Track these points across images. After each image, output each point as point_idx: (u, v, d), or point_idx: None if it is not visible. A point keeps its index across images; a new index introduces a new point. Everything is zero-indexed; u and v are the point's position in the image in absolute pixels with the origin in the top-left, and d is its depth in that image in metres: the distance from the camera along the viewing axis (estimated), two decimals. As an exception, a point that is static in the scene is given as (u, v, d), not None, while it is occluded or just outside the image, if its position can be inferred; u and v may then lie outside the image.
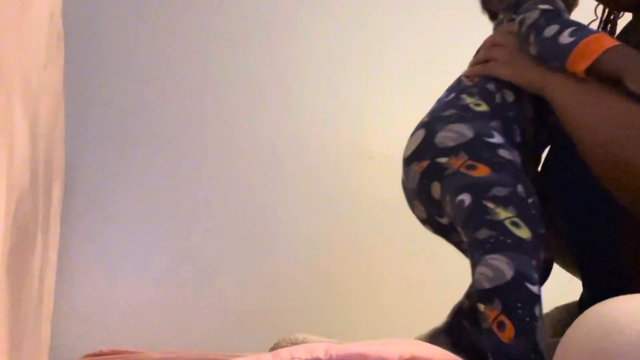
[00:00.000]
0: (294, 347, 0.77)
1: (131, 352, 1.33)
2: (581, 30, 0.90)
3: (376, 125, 2.04)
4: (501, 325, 0.81)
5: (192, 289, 1.91)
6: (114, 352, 1.33)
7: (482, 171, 0.91)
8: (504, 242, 0.85)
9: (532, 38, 0.95)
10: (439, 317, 1.52)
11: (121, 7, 1.99)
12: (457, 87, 1.07)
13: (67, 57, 1.57)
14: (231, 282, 1.93)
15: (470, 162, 0.92)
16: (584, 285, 1.00)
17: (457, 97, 1.03)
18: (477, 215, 0.88)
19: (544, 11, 0.95)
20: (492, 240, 0.86)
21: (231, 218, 1.97)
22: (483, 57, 1.06)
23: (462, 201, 0.90)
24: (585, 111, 0.86)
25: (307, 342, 1.47)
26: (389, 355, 0.74)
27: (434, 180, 0.97)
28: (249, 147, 2.00)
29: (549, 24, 0.92)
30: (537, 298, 0.82)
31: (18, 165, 0.88)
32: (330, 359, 0.74)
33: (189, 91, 2.01)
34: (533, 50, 0.94)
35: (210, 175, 1.98)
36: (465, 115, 0.98)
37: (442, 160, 0.95)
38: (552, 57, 0.91)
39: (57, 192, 1.55)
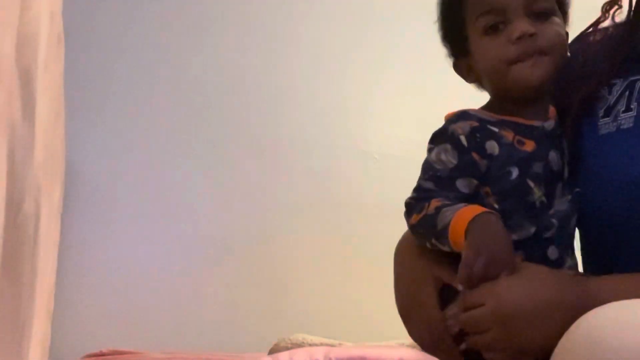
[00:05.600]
0: (294, 350, 0.77)
1: (131, 352, 1.33)
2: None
3: (376, 125, 2.04)
4: None
5: (192, 290, 1.91)
6: (114, 353, 1.33)
7: None
8: None
9: None
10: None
11: (121, 7, 1.99)
12: None
13: (67, 57, 1.57)
14: (231, 283, 1.93)
15: None
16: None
17: None
18: None
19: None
20: None
21: (231, 218, 1.97)
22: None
23: None
24: None
25: (306, 343, 1.47)
26: (388, 358, 0.74)
27: None
28: (250, 147, 2.00)
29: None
30: None
31: (18, 165, 0.88)
32: (329, 362, 0.74)
33: (189, 91, 2.01)
34: None
35: (210, 175, 1.98)
36: None
37: None
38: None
39: (57, 193, 1.55)
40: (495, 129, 0.88)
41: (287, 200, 1.99)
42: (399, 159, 1.99)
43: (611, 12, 0.96)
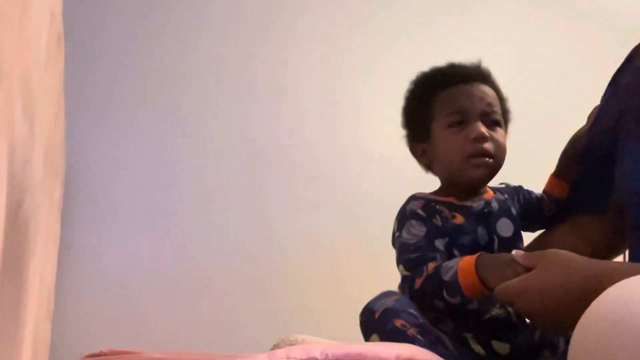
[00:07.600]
0: (290, 347, 0.76)
1: (131, 352, 1.33)
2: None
3: (376, 125, 2.04)
4: None
5: (193, 290, 1.91)
6: (114, 352, 1.33)
7: None
8: None
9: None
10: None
11: (121, 7, 1.99)
12: None
13: (67, 57, 1.57)
14: (231, 283, 1.93)
15: None
16: None
17: None
18: None
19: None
20: None
21: (232, 219, 1.97)
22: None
23: None
24: None
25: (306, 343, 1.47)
26: (386, 355, 0.73)
27: None
28: (250, 148, 2.00)
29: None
30: None
31: (18, 165, 0.88)
32: (327, 359, 0.73)
33: (188, 92, 2.01)
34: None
35: (210, 176, 1.98)
36: None
37: None
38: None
39: (57, 192, 1.55)
40: (437, 206, 1.08)
41: (287, 200, 1.99)
42: (399, 159, 1.99)
43: None
